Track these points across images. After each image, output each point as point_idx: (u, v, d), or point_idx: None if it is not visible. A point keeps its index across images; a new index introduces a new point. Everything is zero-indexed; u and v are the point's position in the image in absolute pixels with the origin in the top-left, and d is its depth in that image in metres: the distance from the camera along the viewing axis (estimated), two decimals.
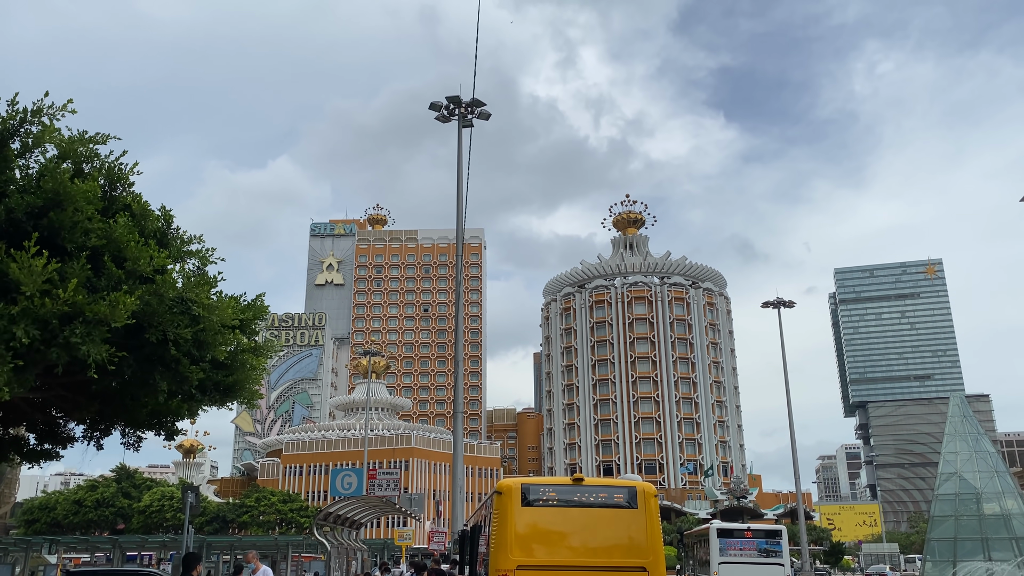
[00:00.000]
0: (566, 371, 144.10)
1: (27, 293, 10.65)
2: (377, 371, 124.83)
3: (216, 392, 14.23)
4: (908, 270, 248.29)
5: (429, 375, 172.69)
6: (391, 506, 41.11)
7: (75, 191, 11.50)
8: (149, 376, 12.46)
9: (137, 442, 15.91)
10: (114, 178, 13.06)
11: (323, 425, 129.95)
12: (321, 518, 32.06)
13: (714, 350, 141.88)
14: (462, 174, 28.56)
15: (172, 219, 14.03)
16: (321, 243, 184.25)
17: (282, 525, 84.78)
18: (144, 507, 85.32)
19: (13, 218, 11.44)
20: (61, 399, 14.51)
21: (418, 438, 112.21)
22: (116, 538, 62.83)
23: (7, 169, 12.08)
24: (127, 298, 11.12)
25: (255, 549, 62.35)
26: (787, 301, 55.42)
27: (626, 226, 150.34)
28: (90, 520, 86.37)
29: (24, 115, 11.82)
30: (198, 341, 12.76)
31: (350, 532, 37.33)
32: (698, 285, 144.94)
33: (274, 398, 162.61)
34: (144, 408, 14.02)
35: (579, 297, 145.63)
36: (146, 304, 11.68)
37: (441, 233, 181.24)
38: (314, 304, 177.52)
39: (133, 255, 11.79)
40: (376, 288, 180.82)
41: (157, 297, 11.83)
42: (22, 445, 16.36)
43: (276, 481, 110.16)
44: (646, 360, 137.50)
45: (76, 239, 11.61)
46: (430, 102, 28.70)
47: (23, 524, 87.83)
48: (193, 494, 25.87)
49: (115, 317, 11.01)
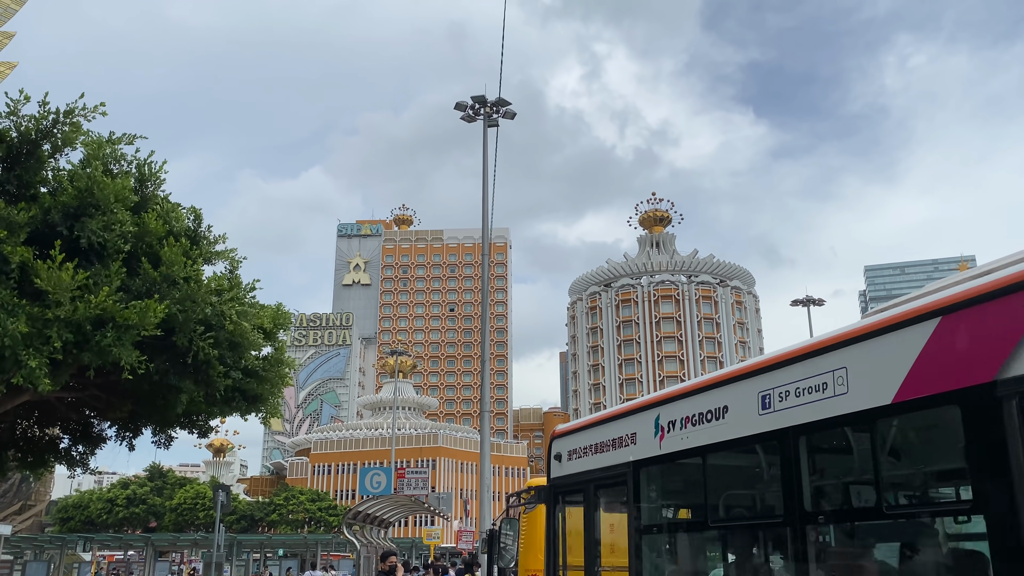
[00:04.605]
0: (592, 370, 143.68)
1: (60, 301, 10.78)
2: (404, 370, 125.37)
3: (243, 400, 14.32)
4: (940, 267, 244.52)
5: (455, 374, 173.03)
6: (420, 505, 41.21)
7: (108, 187, 11.59)
8: (178, 381, 12.55)
9: (168, 441, 16.06)
10: (144, 177, 13.15)
11: (351, 424, 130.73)
12: (351, 517, 32.22)
13: (742, 349, 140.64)
14: (488, 172, 28.58)
15: (202, 218, 14.12)
16: (348, 243, 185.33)
17: (311, 524, 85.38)
18: (176, 505, 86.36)
19: (48, 220, 11.56)
20: (94, 399, 14.69)
21: (445, 437, 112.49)
22: (148, 536, 63.71)
23: (40, 171, 12.22)
24: (156, 305, 11.20)
25: (284, 547, 62.99)
26: (816, 299, 54.77)
27: (652, 224, 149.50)
28: (123, 518, 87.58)
29: (57, 116, 11.92)
30: (231, 343, 12.83)
31: (379, 531, 37.48)
32: (726, 283, 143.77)
33: (302, 397, 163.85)
34: (175, 408, 14.16)
35: (605, 296, 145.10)
36: (179, 311, 11.74)
37: (467, 233, 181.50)
38: (341, 304, 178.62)
39: (168, 259, 11.86)
40: (402, 288, 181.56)
41: (191, 302, 11.87)
42: (58, 447, 16.59)
43: (305, 480, 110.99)
44: (673, 359, 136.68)
45: (111, 240, 11.69)
46: (456, 102, 28.84)
47: (58, 522, 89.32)
48: (224, 493, 26.11)
49: (145, 323, 11.10)
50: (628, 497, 6.81)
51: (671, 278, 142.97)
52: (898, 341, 4.31)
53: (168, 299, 11.54)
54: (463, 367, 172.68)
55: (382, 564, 13.02)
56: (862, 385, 4.43)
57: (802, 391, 4.85)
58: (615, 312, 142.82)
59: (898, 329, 4.35)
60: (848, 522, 5.08)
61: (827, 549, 5.09)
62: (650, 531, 6.86)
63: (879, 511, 4.50)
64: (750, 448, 5.53)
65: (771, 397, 5.14)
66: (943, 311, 4.09)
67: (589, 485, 7.58)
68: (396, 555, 13.56)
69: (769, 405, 5.15)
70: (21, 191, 11.96)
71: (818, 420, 4.69)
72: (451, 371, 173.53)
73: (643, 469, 6.65)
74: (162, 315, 11.26)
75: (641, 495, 6.75)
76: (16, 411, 14.39)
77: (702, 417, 5.85)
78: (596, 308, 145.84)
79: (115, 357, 11.02)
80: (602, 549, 7.51)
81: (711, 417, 5.75)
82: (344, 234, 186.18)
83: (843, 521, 5.09)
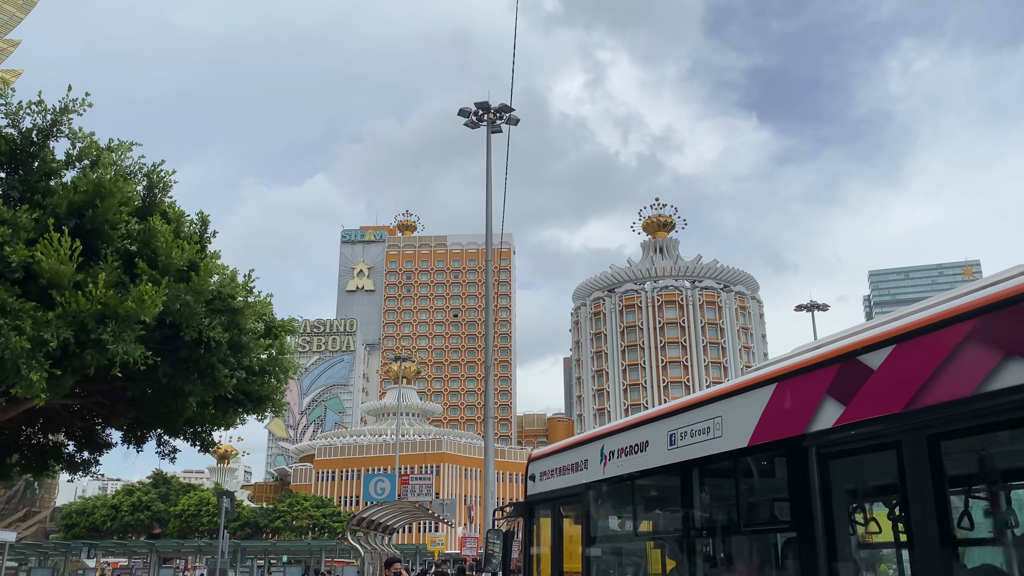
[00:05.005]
0: (596, 376, 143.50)
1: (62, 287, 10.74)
2: (408, 376, 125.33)
3: (249, 402, 14.32)
4: (945, 272, 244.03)
5: (459, 380, 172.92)
6: (424, 511, 41.15)
7: (114, 188, 11.61)
8: (184, 382, 12.53)
9: (172, 452, 15.94)
10: (153, 183, 13.19)
11: (355, 430, 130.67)
12: (354, 523, 32.16)
13: (747, 354, 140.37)
14: (491, 177, 28.60)
15: (208, 223, 14.16)
16: (352, 249, 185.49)
17: (315, 530, 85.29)
18: (180, 512, 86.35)
19: (55, 214, 11.56)
20: (99, 406, 14.69)
21: (449, 443, 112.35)
22: (153, 542, 63.71)
23: (44, 174, 12.25)
24: (152, 289, 11.05)
25: (289, 554, 62.96)
26: (821, 304, 54.67)
27: (656, 230, 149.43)
28: (127, 524, 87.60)
29: (55, 113, 11.97)
30: (235, 344, 12.83)
31: (383, 537, 37.42)
32: (730, 288, 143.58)
33: (306, 403, 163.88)
34: (180, 416, 14.13)
35: (609, 301, 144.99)
36: (183, 303, 11.69)
37: (470, 238, 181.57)
38: (345, 310, 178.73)
39: (165, 250, 11.82)
40: (406, 294, 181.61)
41: (194, 294, 11.85)
42: (62, 453, 16.58)
43: (309, 486, 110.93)
44: (677, 364, 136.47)
45: (113, 239, 11.69)
46: (459, 108, 28.91)
47: (62, 528, 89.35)
48: (228, 499, 26.09)
49: (144, 312, 10.97)
50: (582, 512, 8.40)
51: (675, 283, 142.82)
52: (753, 399, 5.72)
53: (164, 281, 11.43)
54: (467, 373, 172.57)
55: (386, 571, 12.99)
56: (731, 430, 5.88)
57: (695, 432, 6.36)
58: (619, 317, 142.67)
59: (753, 389, 5.78)
60: (724, 536, 6.37)
61: (710, 556, 6.45)
62: (597, 540, 8.29)
63: (739, 527, 5.97)
64: (663, 475, 6.94)
65: (676, 436, 6.64)
66: (778, 379, 5.54)
67: (555, 502, 9.18)
68: (400, 562, 13.55)
69: (675, 442, 6.65)
70: (26, 195, 11.99)
71: (704, 456, 6.18)
72: (455, 377, 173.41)
73: (592, 489, 8.18)
74: (162, 300, 11.13)
75: (591, 511, 8.30)
76: (20, 418, 14.39)
77: (632, 449, 7.40)
78: (600, 313, 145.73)
79: (117, 353, 10.88)
80: (565, 555, 8.94)
81: (638, 449, 7.30)
82: (348, 240, 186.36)
83: (720, 535, 6.44)
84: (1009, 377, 3.87)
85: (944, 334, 4.30)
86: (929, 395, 4.24)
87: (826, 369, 5.06)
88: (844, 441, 4.81)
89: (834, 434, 4.85)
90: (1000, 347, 3.96)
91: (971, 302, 4.27)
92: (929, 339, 4.39)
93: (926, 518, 4.16)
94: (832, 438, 4.87)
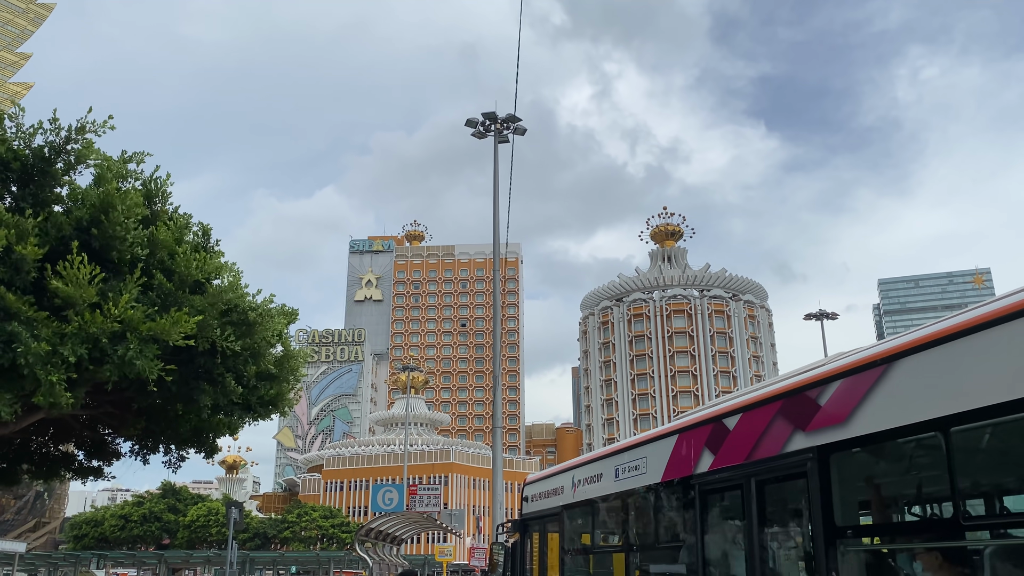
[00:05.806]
0: (605, 385, 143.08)
1: (78, 308, 10.79)
2: (416, 386, 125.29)
3: (260, 406, 14.36)
4: (955, 280, 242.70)
5: (467, 390, 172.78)
6: (432, 522, 41.06)
7: (119, 197, 11.67)
8: (194, 391, 12.58)
9: (179, 461, 16.02)
10: (151, 192, 13.24)
11: (363, 440, 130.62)
12: (363, 534, 32.13)
13: (756, 363, 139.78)
14: (498, 187, 28.66)
15: (210, 234, 14.22)
16: (360, 260, 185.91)
17: (323, 541, 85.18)
18: (189, 522, 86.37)
19: (61, 235, 11.64)
20: (109, 416, 14.74)
21: (457, 453, 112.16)
22: (162, 553, 63.75)
23: (54, 187, 12.33)
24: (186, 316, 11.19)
25: (297, 564, 62.84)
26: (830, 313, 54.51)
27: (664, 239, 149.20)
28: (136, 535, 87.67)
29: (69, 132, 12.06)
30: (251, 349, 12.86)
31: (391, 548, 37.35)
32: (738, 297, 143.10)
33: (315, 414, 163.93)
34: (187, 424, 14.16)
35: (617, 311, 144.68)
36: (203, 320, 11.75)
37: (478, 248, 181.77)
38: (353, 320, 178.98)
39: (181, 263, 11.90)
40: (414, 304, 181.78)
41: (211, 307, 11.92)
42: (71, 461, 16.65)
43: (317, 496, 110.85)
44: (686, 374, 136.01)
45: (123, 249, 11.74)
46: (467, 119, 29.07)
47: (72, 539, 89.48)
48: (237, 510, 26.10)
49: (172, 336, 11.08)
50: (559, 530, 10.21)
51: (683, 292, 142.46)
52: (665, 445, 7.54)
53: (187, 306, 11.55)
54: (475, 383, 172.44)
55: None
56: (652, 468, 7.71)
57: (631, 468, 8.17)
58: (627, 327, 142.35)
59: (665, 438, 7.60)
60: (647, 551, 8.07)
61: (641, 567, 8.12)
62: (570, 553, 9.99)
63: (656, 545, 7.76)
64: (612, 500, 8.79)
65: (620, 470, 8.49)
66: (679, 432, 7.35)
67: (543, 520, 10.89)
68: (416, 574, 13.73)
69: (619, 475, 8.49)
70: (36, 208, 12.08)
71: (635, 488, 8.05)
72: (463, 387, 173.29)
73: (566, 511, 10.00)
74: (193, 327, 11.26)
75: (566, 529, 10.10)
76: (31, 427, 14.45)
77: (592, 479, 9.31)
78: (608, 323, 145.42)
79: (139, 370, 10.97)
80: (549, 566, 10.55)
81: (595, 479, 9.19)
82: (356, 250, 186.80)
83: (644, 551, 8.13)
84: (796, 443, 5.49)
85: (763, 410, 6.02)
86: (757, 451, 5.98)
87: (706, 427, 6.87)
88: (714, 481, 6.64)
89: (708, 476, 6.68)
90: (792, 422, 5.61)
91: (779, 388, 6.02)
92: (757, 412, 6.11)
93: (760, 541, 5.98)
94: (708, 479, 6.70)
